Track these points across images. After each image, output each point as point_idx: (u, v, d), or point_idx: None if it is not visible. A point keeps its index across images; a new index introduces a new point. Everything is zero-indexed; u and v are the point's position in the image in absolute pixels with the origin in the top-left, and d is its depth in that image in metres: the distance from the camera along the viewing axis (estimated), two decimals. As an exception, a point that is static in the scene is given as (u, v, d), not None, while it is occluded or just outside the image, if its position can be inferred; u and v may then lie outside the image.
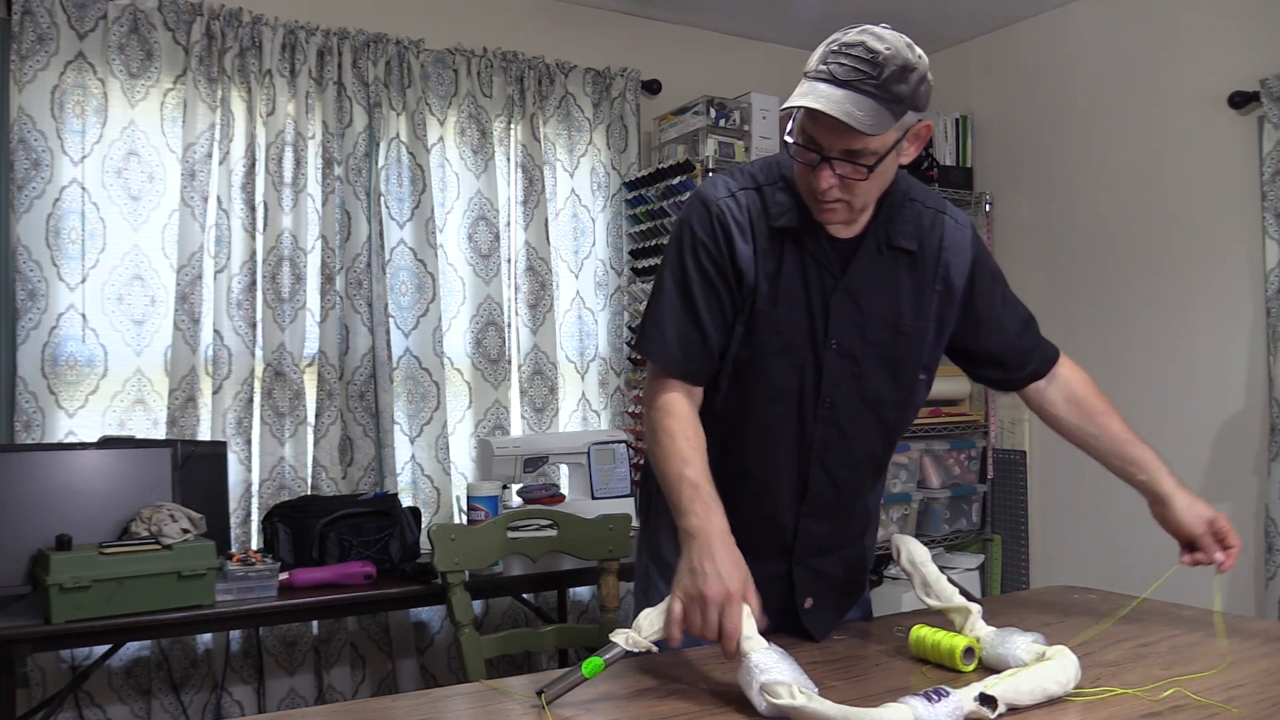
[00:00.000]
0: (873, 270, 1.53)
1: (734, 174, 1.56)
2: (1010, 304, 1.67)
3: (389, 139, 3.19)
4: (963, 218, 1.62)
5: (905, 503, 3.65)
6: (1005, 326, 1.66)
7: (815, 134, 1.39)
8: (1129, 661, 1.44)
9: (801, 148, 1.42)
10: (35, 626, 2.14)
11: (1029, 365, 1.69)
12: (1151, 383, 3.35)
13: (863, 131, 1.34)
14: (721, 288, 1.51)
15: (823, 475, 1.59)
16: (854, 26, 1.40)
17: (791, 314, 1.52)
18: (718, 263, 1.51)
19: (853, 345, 1.53)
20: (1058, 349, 1.71)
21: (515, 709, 1.27)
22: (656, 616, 1.32)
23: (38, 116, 2.72)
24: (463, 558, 2.12)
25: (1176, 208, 3.31)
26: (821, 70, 1.37)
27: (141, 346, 2.87)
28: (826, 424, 1.56)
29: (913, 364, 1.59)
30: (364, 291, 3.13)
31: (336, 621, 3.01)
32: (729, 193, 1.53)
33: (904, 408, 1.63)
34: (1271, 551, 2.97)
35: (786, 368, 1.54)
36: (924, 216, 1.56)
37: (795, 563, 1.63)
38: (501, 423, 3.33)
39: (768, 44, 4.01)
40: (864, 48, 1.35)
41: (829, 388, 1.54)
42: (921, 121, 1.43)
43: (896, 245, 1.53)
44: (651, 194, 3.49)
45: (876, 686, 1.36)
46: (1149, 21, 3.38)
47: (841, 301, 1.52)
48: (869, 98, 1.34)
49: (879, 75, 1.34)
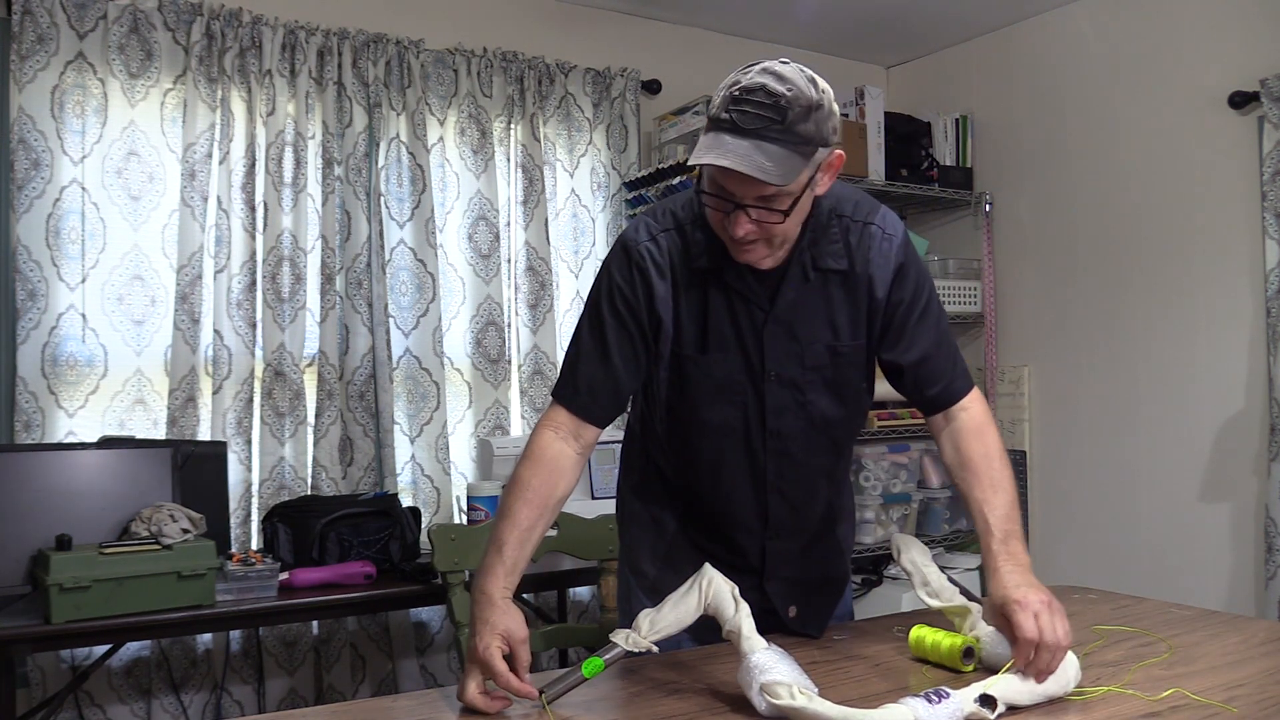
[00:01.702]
0: (802, 296, 1.50)
1: (656, 214, 1.53)
2: (929, 319, 1.54)
3: (389, 139, 3.19)
4: (893, 225, 1.53)
5: (905, 503, 3.65)
6: (914, 340, 1.53)
7: (726, 184, 1.35)
8: (1129, 661, 1.44)
9: (714, 197, 1.38)
10: (35, 626, 2.14)
11: (929, 388, 1.55)
12: (1151, 382, 3.35)
13: (773, 183, 1.31)
14: (635, 332, 1.49)
15: (780, 501, 1.59)
16: (753, 65, 1.36)
17: (723, 355, 1.50)
18: (633, 307, 1.48)
19: (793, 374, 1.52)
20: (968, 389, 1.56)
21: (515, 709, 1.27)
22: (657, 616, 1.32)
23: (38, 116, 2.72)
24: (463, 558, 2.13)
25: (1176, 208, 3.31)
26: (724, 120, 1.33)
27: (141, 346, 2.87)
28: (778, 455, 1.56)
29: (855, 382, 1.57)
30: (364, 291, 3.13)
31: (336, 621, 3.01)
32: (650, 236, 1.50)
33: (852, 422, 1.62)
34: (1271, 551, 2.97)
35: (725, 406, 1.52)
36: (851, 232, 1.51)
37: (767, 578, 1.63)
38: (501, 423, 3.32)
39: (768, 44, 4.01)
40: (765, 92, 1.31)
41: (773, 419, 1.53)
42: (833, 153, 1.39)
43: (825, 267, 1.50)
44: (651, 194, 3.49)
45: (876, 686, 1.36)
46: (1149, 22, 3.38)
47: (774, 333, 1.50)
48: (776, 144, 1.31)
49: (784, 120, 1.31)
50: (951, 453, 1.53)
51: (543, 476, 1.44)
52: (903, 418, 3.53)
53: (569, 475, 1.47)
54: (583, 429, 1.49)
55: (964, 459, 1.50)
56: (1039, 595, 1.31)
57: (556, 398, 1.51)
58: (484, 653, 1.28)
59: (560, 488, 1.45)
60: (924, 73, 4.14)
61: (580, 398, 1.48)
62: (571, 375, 1.50)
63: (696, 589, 1.33)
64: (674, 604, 1.33)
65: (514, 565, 1.38)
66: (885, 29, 3.81)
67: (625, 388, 1.51)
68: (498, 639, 1.29)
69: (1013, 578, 1.35)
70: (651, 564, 1.64)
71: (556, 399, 1.50)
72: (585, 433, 1.49)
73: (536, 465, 1.45)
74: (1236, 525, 3.14)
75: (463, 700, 1.29)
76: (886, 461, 3.55)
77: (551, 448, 1.46)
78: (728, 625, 1.31)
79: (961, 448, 1.51)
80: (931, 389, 1.55)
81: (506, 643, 1.29)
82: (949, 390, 1.54)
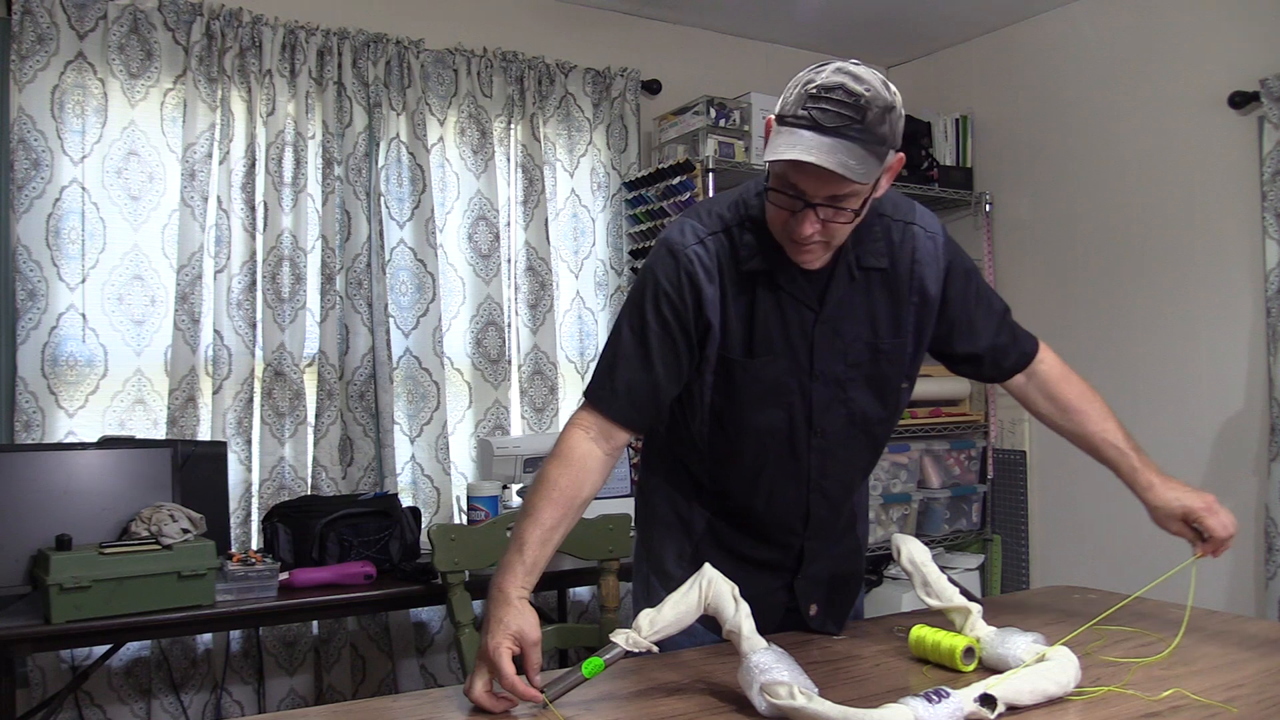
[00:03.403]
0: (847, 295, 1.51)
1: (701, 217, 1.52)
2: (985, 302, 1.63)
3: (389, 139, 3.19)
4: (933, 223, 1.58)
5: (905, 503, 3.65)
6: (979, 328, 1.63)
7: (799, 181, 1.35)
8: (1129, 661, 1.44)
9: (784, 195, 1.38)
10: (35, 626, 2.14)
11: (1006, 362, 1.66)
12: (1151, 383, 3.35)
13: (855, 181, 1.32)
14: (680, 339, 1.48)
15: (821, 499, 1.60)
16: (824, 64, 1.36)
17: (770, 358, 1.50)
18: (680, 314, 1.47)
19: (837, 372, 1.53)
20: (1036, 342, 1.69)
21: (516, 709, 1.27)
22: (657, 616, 1.32)
23: (38, 116, 2.72)
24: (463, 558, 2.13)
25: (1176, 208, 3.31)
26: (802, 117, 1.32)
27: (141, 346, 2.87)
28: (821, 452, 1.56)
29: (895, 379, 1.58)
30: (364, 291, 3.13)
31: (336, 621, 3.01)
32: (697, 239, 1.49)
33: (890, 420, 1.63)
34: (1271, 551, 2.97)
35: (773, 409, 1.53)
36: (893, 231, 1.54)
37: (799, 576, 1.64)
38: (501, 423, 3.32)
39: (768, 44, 4.01)
40: (844, 91, 1.31)
41: (820, 418, 1.54)
42: (896, 155, 1.40)
43: (868, 266, 1.51)
44: (651, 194, 3.49)
45: (876, 686, 1.36)
46: (1148, 21, 3.38)
47: (824, 332, 1.51)
48: (857, 144, 1.31)
49: (863, 120, 1.31)
50: (1045, 403, 1.67)
51: (570, 476, 1.43)
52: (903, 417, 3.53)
53: (596, 477, 1.46)
54: (615, 432, 1.48)
55: (1062, 404, 1.66)
56: (1205, 497, 1.55)
57: (590, 399, 1.49)
58: (493, 652, 1.27)
59: (586, 489, 1.45)
60: (924, 73, 4.14)
61: (618, 400, 1.47)
62: (609, 377, 1.49)
63: (696, 589, 1.33)
64: (674, 604, 1.33)
65: (534, 565, 1.39)
66: (885, 29, 3.81)
67: (665, 395, 1.50)
68: (509, 639, 1.29)
69: (1173, 489, 1.57)
70: (678, 565, 1.63)
71: (590, 400, 1.49)
72: (617, 436, 1.48)
73: (564, 464, 1.44)
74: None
75: (470, 697, 1.28)
76: (887, 461, 3.55)
77: (580, 447, 1.46)
78: (728, 625, 1.31)
79: (1056, 395, 1.66)
80: (1008, 360, 1.66)
81: (518, 644, 1.29)
82: (1022, 355, 1.67)
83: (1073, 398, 1.65)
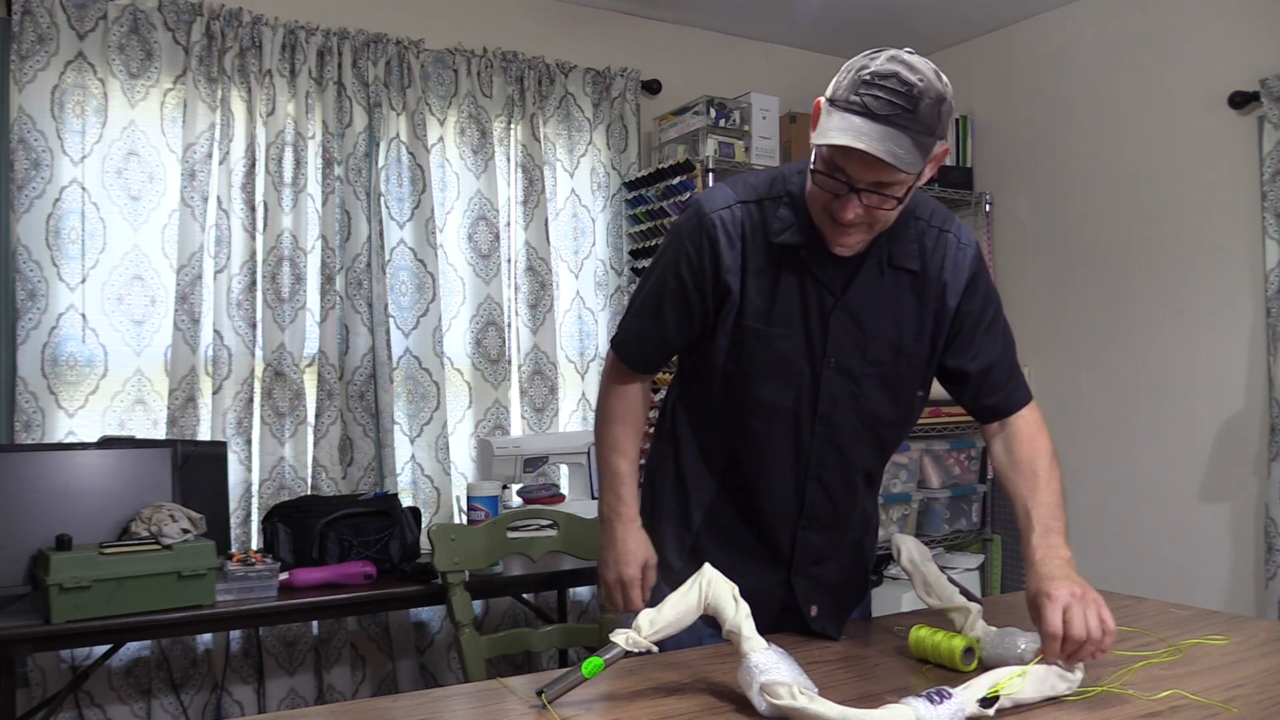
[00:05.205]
0: (873, 289, 1.52)
1: (737, 185, 1.55)
2: (994, 330, 1.59)
3: (389, 139, 3.19)
4: (967, 236, 1.58)
5: (905, 503, 3.65)
6: (979, 349, 1.58)
7: (846, 166, 1.35)
8: (1129, 661, 1.44)
9: (829, 178, 1.38)
10: (35, 626, 2.14)
11: (989, 400, 1.59)
12: (1151, 383, 3.35)
13: (903, 170, 1.32)
14: (695, 300, 1.54)
15: (819, 490, 1.60)
16: (878, 51, 1.36)
17: (786, 331, 1.51)
18: (697, 275, 1.52)
19: (852, 364, 1.53)
20: (1027, 399, 1.61)
21: (515, 709, 1.27)
22: (657, 616, 1.32)
23: (38, 116, 2.72)
24: (463, 558, 2.13)
25: (1176, 208, 3.31)
26: (855, 102, 1.32)
27: (141, 346, 2.87)
28: (824, 441, 1.56)
29: (912, 384, 1.59)
30: (364, 291, 3.13)
31: (336, 621, 3.01)
32: (726, 204, 1.52)
33: (901, 425, 1.63)
34: (1271, 551, 2.97)
35: (780, 385, 1.53)
36: (928, 235, 1.54)
37: (794, 573, 1.64)
38: (501, 423, 3.32)
39: (768, 44, 4.01)
40: (898, 79, 1.31)
41: (825, 405, 1.54)
42: (942, 145, 1.40)
43: (899, 265, 1.52)
44: (651, 194, 3.49)
45: (876, 686, 1.36)
46: (1148, 21, 3.38)
47: (841, 320, 1.51)
48: (907, 134, 1.31)
49: (915, 109, 1.31)
50: (1002, 454, 1.59)
51: (627, 403, 1.66)
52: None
53: (643, 401, 1.68)
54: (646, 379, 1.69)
55: (1013, 459, 1.56)
56: (1070, 588, 1.29)
57: (612, 343, 1.69)
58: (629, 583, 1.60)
59: (643, 412, 1.68)
60: (924, 73, 4.13)
61: (628, 347, 1.65)
62: (627, 327, 1.67)
63: (697, 589, 1.33)
64: (674, 604, 1.33)
65: (634, 491, 1.63)
66: (885, 29, 3.81)
67: (672, 348, 1.64)
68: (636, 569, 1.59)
69: (1047, 569, 1.35)
70: (677, 556, 1.65)
71: (612, 344, 1.69)
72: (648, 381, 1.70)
73: (621, 396, 1.66)
74: (1236, 525, 3.14)
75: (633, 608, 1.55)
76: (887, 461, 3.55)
77: (621, 378, 1.67)
78: (728, 625, 1.31)
79: (1012, 449, 1.57)
80: (991, 398, 1.60)
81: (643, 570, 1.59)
82: (1007, 401, 1.60)
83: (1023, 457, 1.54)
